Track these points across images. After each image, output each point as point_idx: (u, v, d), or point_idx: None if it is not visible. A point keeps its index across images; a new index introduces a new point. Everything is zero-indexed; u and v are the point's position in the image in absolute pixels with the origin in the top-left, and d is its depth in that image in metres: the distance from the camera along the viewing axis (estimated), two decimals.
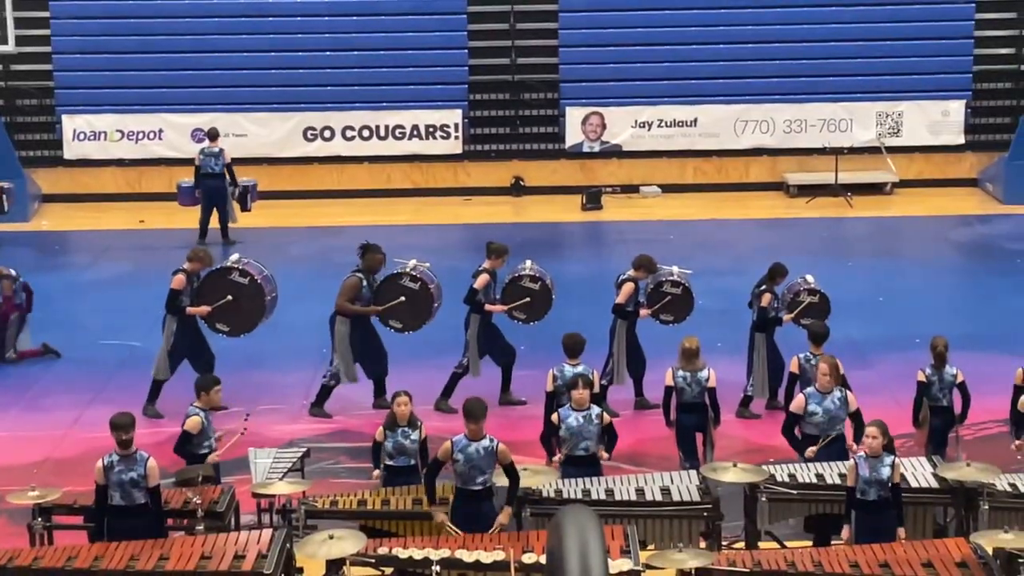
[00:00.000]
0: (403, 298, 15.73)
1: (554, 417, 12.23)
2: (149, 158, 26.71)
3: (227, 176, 23.02)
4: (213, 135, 23.55)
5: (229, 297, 15.75)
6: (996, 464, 11.67)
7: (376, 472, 12.15)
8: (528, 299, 15.86)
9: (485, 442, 11.20)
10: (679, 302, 15.79)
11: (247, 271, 15.95)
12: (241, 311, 15.86)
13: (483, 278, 15.70)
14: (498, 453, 11.19)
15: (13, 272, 17.72)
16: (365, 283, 15.71)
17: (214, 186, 23.04)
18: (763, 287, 15.58)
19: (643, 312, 15.68)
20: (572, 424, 12.04)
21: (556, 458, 12.32)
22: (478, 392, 15.57)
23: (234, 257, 16.33)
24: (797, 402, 12.59)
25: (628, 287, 15.58)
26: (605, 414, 12.21)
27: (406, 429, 11.98)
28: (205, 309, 15.70)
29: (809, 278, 15.96)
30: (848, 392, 12.63)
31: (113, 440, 10.98)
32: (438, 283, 16.06)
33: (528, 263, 16.22)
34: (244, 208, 23.50)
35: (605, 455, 12.21)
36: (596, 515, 8.48)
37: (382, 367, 15.81)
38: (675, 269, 16.02)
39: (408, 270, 15.91)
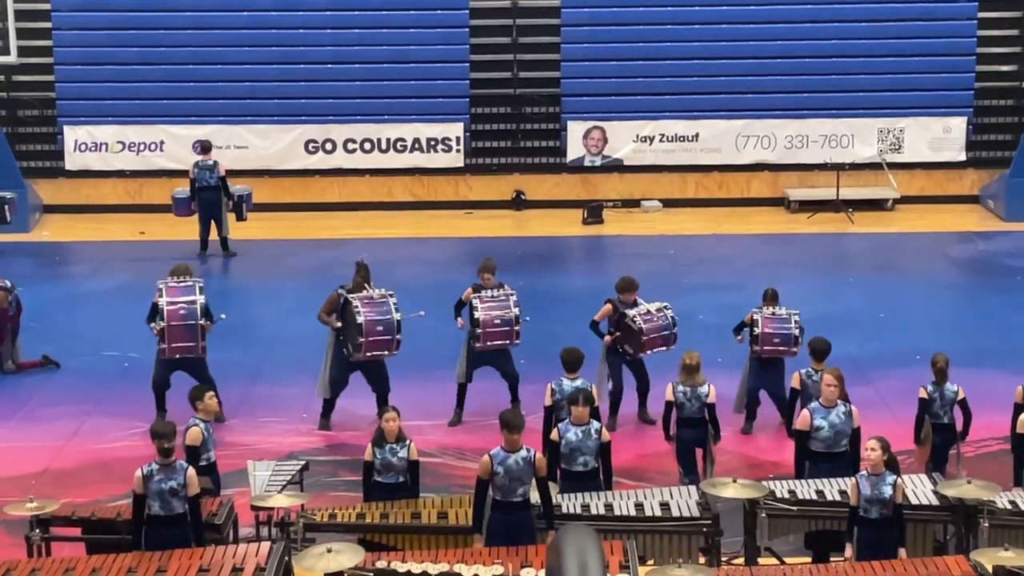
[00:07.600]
0: (339, 324, 15.45)
1: (554, 434, 12.17)
2: (150, 169, 26.66)
3: (222, 188, 23.00)
4: (207, 148, 23.42)
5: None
6: (997, 481, 11.66)
7: None
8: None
9: (523, 452, 11.15)
10: (632, 337, 15.38)
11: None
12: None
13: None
14: (535, 462, 11.15)
15: (8, 283, 17.70)
16: (343, 300, 15.65)
17: (210, 199, 22.99)
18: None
19: (606, 339, 15.59)
20: (571, 439, 12.00)
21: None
22: (480, 403, 15.72)
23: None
24: (802, 419, 12.46)
25: (606, 308, 15.63)
26: (605, 431, 12.16)
27: (394, 446, 11.92)
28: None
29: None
30: (852, 407, 12.50)
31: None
32: (391, 324, 15.26)
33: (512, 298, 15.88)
34: (240, 218, 23.39)
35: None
36: (596, 533, 8.46)
37: (385, 383, 15.76)
38: (652, 307, 15.55)
39: (363, 298, 15.36)
